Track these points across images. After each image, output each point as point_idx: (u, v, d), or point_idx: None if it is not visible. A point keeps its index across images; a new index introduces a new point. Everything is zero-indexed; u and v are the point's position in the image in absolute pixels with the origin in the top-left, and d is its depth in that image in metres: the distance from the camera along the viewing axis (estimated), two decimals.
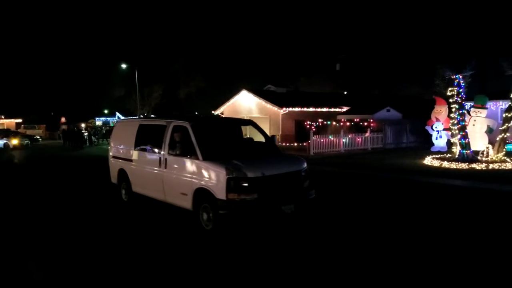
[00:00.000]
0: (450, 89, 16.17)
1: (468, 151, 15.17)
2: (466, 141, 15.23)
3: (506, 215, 8.15)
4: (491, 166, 14.09)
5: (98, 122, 57.61)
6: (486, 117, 16.71)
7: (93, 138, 35.98)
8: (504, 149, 15.55)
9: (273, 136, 9.05)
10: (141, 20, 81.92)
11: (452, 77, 16.01)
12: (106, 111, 59.84)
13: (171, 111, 52.45)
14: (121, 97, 44.98)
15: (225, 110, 36.02)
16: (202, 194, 7.05)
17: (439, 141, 19.61)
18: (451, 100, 16.14)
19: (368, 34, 70.25)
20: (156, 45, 51.41)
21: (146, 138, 8.78)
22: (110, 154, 10.42)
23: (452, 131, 16.72)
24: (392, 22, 70.25)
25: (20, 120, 51.86)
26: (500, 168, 13.98)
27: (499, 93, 19.65)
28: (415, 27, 61.95)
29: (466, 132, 15.39)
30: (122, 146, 9.83)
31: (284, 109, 29.69)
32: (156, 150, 8.24)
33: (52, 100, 63.72)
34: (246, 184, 6.62)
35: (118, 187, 10.00)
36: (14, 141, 32.25)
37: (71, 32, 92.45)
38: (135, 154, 9.12)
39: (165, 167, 7.92)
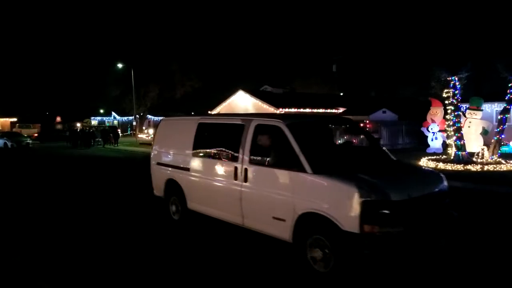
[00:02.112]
0: (445, 90, 16.22)
1: (464, 153, 15.22)
2: (462, 142, 15.28)
3: (501, 216, 8.17)
4: (486, 167, 14.14)
5: (94, 121, 57.38)
6: (481, 118, 16.78)
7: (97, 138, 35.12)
8: (499, 151, 15.63)
9: (378, 139, 7.24)
10: (137, 20, 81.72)
11: (448, 79, 16.04)
12: (101, 111, 59.59)
13: (167, 111, 52.34)
14: (117, 97, 44.78)
15: (222, 110, 35.99)
16: (311, 222, 5.04)
17: (435, 143, 19.68)
18: (446, 102, 16.19)
19: (364, 35, 70.53)
20: (152, 45, 51.31)
21: (211, 141, 6.90)
22: (153, 160, 8.40)
23: (448, 132, 16.77)
24: (389, 24, 70.55)
25: (15, 119, 51.52)
26: (495, 169, 14.03)
27: (494, 95, 19.75)
28: (411, 29, 62.28)
29: (462, 134, 15.44)
30: (172, 151, 7.82)
31: (281, 109, 29.70)
32: (229, 157, 6.28)
33: (47, 99, 63.42)
34: (388, 211, 4.60)
35: (165, 201, 7.98)
36: (15, 141, 30.96)
37: (67, 31, 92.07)
38: (194, 161, 7.07)
39: (245, 180, 5.88)
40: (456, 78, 15.86)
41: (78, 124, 49.05)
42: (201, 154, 6.96)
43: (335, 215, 4.74)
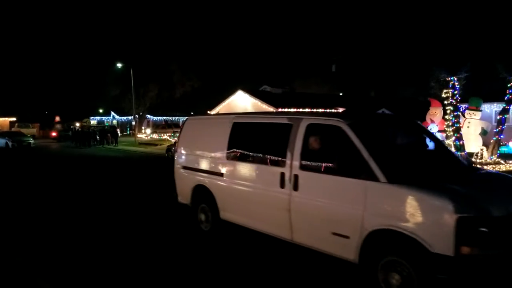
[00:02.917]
0: (445, 91, 16.24)
1: (463, 153, 15.21)
2: (461, 142, 15.29)
3: None
4: (485, 168, 14.15)
5: (93, 121, 57.35)
6: (481, 119, 16.79)
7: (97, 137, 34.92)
8: (498, 151, 15.65)
9: (442, 142, 6.44)
10: (136, 20, 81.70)
11: (447, 79, 16.07)
12: (101, 110, 59.55)
13: (166, 111, 52.29)
14: (116, 97, 44.68)
15: (221, 110, 35.97)
16: (385, 240, 4.26)
17: None
18: (446, 102, 16.21)
19: (364, 36, 70.55)
20: (151, 44, 51.25)
21: (249, 143, 6.08)
22: (178, 163, 7.60)
23: (447, 132, 16.78)
24: (388, 24, 70.56)
25: (14, 119, 51.48)
26: (494, 170, 14.04)
27: (494, 96, 19.76)
28: (411, 30, 62.30)
29: (461, 134, 15.46)
30: (201, 153, 6.95)
31: (280, 109, 29.70)
32: (273, 162, 5.49)
33: (46, 99, 63.39)
34: (487, 230, 3.83)
35: (192, 210, 7.21)
36: (16, 140, 29.93)
37: (67, 31, 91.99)
38: (229, 166, 6.26)
39: (295, 188, 5.09)
40: (456, 79, 15.88)
41: (77, 124, 49.00)
42: (237, 158, 6.12)
43: (421, 233, 3.92)
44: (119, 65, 38.70)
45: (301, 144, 5.14)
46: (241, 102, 33.50)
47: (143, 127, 46.42)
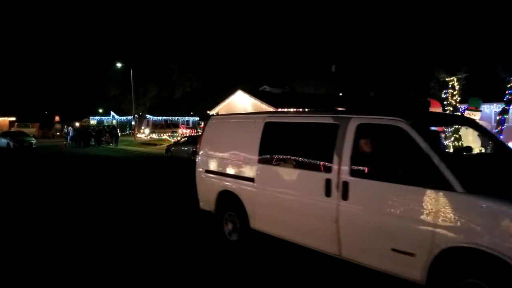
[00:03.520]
0: (444, 91, 16.26)
1: None
2: (460, 143, 15.31)
3: None
4: None
5: (93, 121, 57.32)
6: (480, 119, 16.80)
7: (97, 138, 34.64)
8: None
9: (504, 143, 5.90)
10: (136, 20, 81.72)
11: (447, 79, 16.10)
12: (100, 110, 59.53)
13: (166, 111, 52.28)
14: (116, 96, 44.67)
15: (221, 110, 35.99)
16: (463, 259, 3.71)
17: None
18: (445, 103, 16.24)
19: (364, 36, 70.59)
20: (151, 44, 51.28)
21: (284, 145, 5.59)
22: (201, 166, 6.98)
23: (446, 133, 16.80)
24: (388, 24, 70.61)
25: (13, 118, 51.45)
26: None
27: (493, 96, 19.78)
28: (410, 30, 62.35)
29: (460, 135, 15.47)
30: (228, 156, 6.35)
31: (280, 109, 29.72)
32: (316, 167, 4.93)
33: (46, 99, 63.40)
34: None
35: (217, 218, 6.63)
36: (17, 140, 28.92)
37: (66, 31, 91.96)
38: (261, 170, 5.66)
39: (344, 197, 4.49)
40: (455, 79, 15.90)
41: (77, 124, 49.00)
42: (271, 162, 5.56)
43: (510, 253, 3.34)
44: (119, 65, 38.71)
45: (351, 147, 4.51)
46: (240, 102, 33.52)
47: (142, 127, 46.41)
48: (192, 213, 7.80)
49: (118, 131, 38.84)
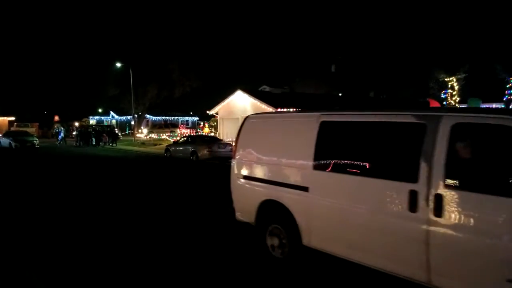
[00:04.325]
0: (444, 91, 16.29)
1: None
2: None
3: None
4: None
5: (92, 121, 57.30)
6: None
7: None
8: None
9: None
10: (136, 20, 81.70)
11: (446, 79, 16.13)
12: (100, 110, 59.52)
13: (165, 110, 52.29)
14: (115, 96, 44.65)
15: (220, 110, 36.02)
16: None
17: None
18: (445, 103, 16.27)
19: (363, 36, 70.64)
20: (151, 44, 51.26)
21: (348, 148, 4.78)
22: (238, 172, 6.17)
23: None
24: (388, 25, 70.64)
25: (13, 118, 51.42)
26: None
27: (493, 96, 19.80)
28: (410, 30, 62.40)
29: None
30: (273, 160, 5.59)
31: (279, 109, 29.73)
32: (395, 175, 4.16)
33: (45, 99, 63.39)
34: None
35: (258, 230, 5.75)
36: (18, 140, 27.59)
37: (66, 30, 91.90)
38: (319, 177, 4.88)
39: (438, 214, 3.75)
40: (455, 79, 15.93)
41: (76, 124, 48.98)
42: (332, 168, 4.72)
43: None
44: (118, 64, 38.71)
45: (445, 152, 3.74)
46: (240, 102, 33.53)
47: (142, 127, 46.42)
48: (224, 221, 7.11)
49: (117, 131, 38.88)
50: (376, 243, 4.26)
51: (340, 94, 45.39)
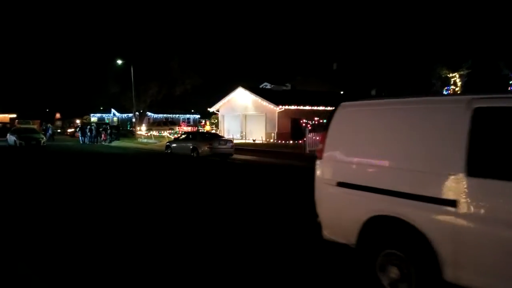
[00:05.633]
0: (446, 88, 16.16)
1: None
2: None
3: None
4: None
5: (93, 118, 57.37)
6: None
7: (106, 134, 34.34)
8: None
9: None
10: (137, 18, 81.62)
11: (449, 75, 16.00)
12: (101, 108, 59.60)
13: (167, 108, 52.27)
14: (117, 94, 44.71)
15: (221, 107, 35.95)
16: None
17: None
18: None
19: (365, 33, 70.40)
20: (152, 42, 51.21)
21: None
22: (327, 176, 4.80)
23: None
24: (389, 22, 70.36)
25: (14, 115, 51.52)
26: None
27: (496, 92, 19.63)
28: (411, 27, 62.10)
29: None
30: (389, 161, 4.20)
31: (280, 107, 29.63)
32: None
33: (47, 96, 63.45)
34: None
35: (362, 255, 4.30)
36: (23, 138, 26.08)
37: (67, 28, 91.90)
38: (475, 188, 3.48)
39: None
40: (457, 75, 15.80)
41: (78, 121, 49.00)
42: (500, 172, 3.35)
43: None
44: (119, 62, 38.68)
45: None
46: (241, 99, 33.44)
47: (143, 124, 46.42)
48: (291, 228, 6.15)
49: (119, 129, 38.87)
50: None
51: (342, 92, 45.26)
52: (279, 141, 27.35)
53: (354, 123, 4.69)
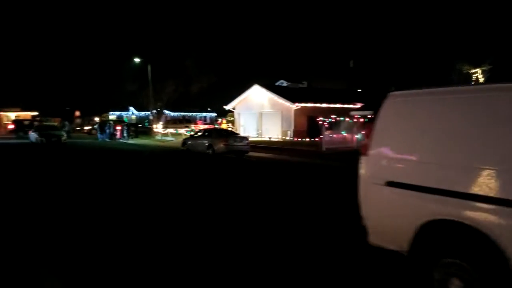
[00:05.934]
0: (467, 84, 15.72)
1: None
2: None
3: None
4: None
5: (112, 116, 58.23)
6: None
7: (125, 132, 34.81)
8: None
9: None
10: (154, 16, 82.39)
11: (471, 71, 15.54)
12: (120, 106, 60.42)
13: (184, 106, 52.68)
14: (134, 92, 45.26)
15: (237, 105, 35.96)
16: None
17: None
18: None
19: (382, 31, 69.33)
20: (168, 40, 51.63)
21: None
22: (372, 175, 4.34)
23: None
24: (408, 18, 69.14)
25: (36, 113, 52.70)
26: None
27: None
28: (432, 23, 60.85)
29: None
30: (451, 159, 3.64)
31: (297, 104, 29.43)
32: None
33: (67, 94, 64.80)
34: None
35: (416, 263, 3.88)
36: (44, 135, 26.31)
37: (87, 27, 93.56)
38: None
39: None
40: (479, 71, 15.33)
41: (96, 119, 49.82)
42: None
43: None
44: (137, 60, 39.11)
45: None
46: (257, 97, 33.36)
47: (161, 122, 46.92)
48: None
49: (137, 126, 39.32)
50: None
51: (359, 90, 44.68)
52: (295, 139, 27.21)
53: (407, 114, 4.14)
